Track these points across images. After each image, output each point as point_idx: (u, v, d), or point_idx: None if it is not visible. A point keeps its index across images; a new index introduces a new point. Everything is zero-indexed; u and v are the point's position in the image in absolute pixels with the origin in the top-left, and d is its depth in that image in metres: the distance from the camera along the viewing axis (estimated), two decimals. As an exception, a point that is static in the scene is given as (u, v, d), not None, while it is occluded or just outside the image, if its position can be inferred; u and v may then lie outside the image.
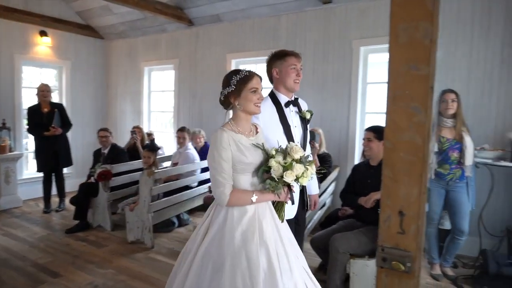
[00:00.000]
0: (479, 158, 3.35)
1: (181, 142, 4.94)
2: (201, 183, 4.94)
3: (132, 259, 3.63)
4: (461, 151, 3.14)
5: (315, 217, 3.78)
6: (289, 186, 1.84)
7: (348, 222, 3.06)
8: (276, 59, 2.27)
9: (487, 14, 3.65)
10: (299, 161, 1.78)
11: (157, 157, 4.84)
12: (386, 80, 0.79)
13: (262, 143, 1.87)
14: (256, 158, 1.80)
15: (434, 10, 0.70)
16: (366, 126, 3.41)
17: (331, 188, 4.27)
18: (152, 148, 5.02)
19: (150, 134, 5.85)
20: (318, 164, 3.73)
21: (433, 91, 0.76)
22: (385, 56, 0.78)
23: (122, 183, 4.63)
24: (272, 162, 1.75)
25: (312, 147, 3.58)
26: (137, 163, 4.84)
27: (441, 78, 3.70)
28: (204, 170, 5.02)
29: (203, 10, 5.37)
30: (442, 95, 3.23)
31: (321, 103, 4.64)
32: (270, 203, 1.88)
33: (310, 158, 1.94)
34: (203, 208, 4.67)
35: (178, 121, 6.13)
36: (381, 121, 3.10)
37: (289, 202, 1.91)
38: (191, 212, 4.97)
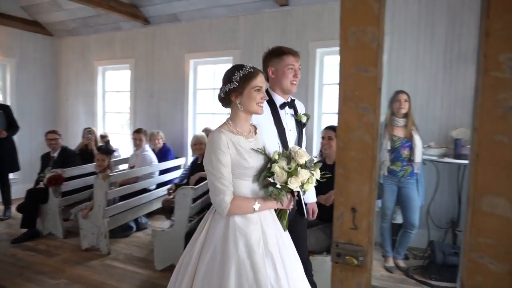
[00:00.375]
0: (426, 155, 3.57)
1: (137, 144, 4.79)
2: (160, 185, 4.82)
3: (86, 267, 3.47)
4: (411, 149, 3.34)
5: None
6: (292, 193, 1.73)
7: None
8: (273, 57, 2.10)
9: (431, 22, 3.90)
10: (304, 166, 1.66)
11: (112, 159, 4.67)
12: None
13: (263, 147, 1.75)
14: (257, 162, 1.67)
15: (380, 16, 0.74)
16: (323, 126, 3.51)
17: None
18: (107, 150, 4.83)
19: (104, 136, 5.62)
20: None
21: (380, 92, 0.79)
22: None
23: (75, 188, 4.40)
24: (276, 168, 1.63)
25: None
26: (90, 167, 4.62)
27: (391, 80, 3.91)
28: (163, 172, 4.91)
29: (160, 8, 5.25)
30: (395, 95, 3.41)
31: (280, 103, 4.70)
32: (272, 210, 1.78)
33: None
34: (162, 211, 4.57)
35: (134, 122, 5.94)
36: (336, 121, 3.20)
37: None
38: (149, 215, 4.83)
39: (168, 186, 4.57)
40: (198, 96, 5.54)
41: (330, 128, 3.03)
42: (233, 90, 1.66)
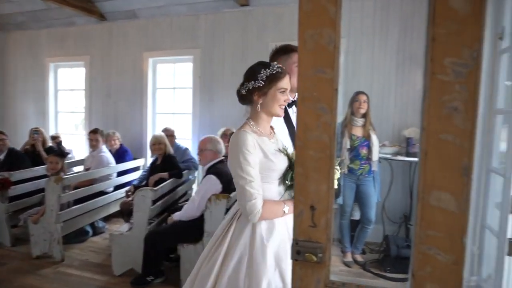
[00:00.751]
0: (380, 153, 3.73)
1: (93, 144, 4.59)
2: (118, 187, 4.66)
3: (38, 276, 3.27)
4: (369, 148, 3.48)
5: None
6: None
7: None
8: (280, 54, 2.05)
9: (385, 26, 4.09)
10: None
11: (66, 161, 4.43)
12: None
13: (285, 146, 1.67)
14: (282, 163, 1.58)
15: (337, 19, 0.76)
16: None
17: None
18: (60, 153, 4.58)
19: (56, 137, 5.33)
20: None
21: (337, 93, 0.82)
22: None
23: (24, 192, 4.13)
24: None
25: None
26: (41, 169, 4.36)
27: (347, 81, 4.05)
28: (121, 174, 4.74)
29: (117, 4, 5.07)
30: (355, 95, 3.53)
31: (241, 103, 4.72)
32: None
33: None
34: (120, 214, 4.40)
35: (90, 122, 5.69)
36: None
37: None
38: (107, 219, 4.65)
39: (127, 188, 4.43)
40: (157, 96, 5.42)
41: None
42: (257, 88, 1.57)
